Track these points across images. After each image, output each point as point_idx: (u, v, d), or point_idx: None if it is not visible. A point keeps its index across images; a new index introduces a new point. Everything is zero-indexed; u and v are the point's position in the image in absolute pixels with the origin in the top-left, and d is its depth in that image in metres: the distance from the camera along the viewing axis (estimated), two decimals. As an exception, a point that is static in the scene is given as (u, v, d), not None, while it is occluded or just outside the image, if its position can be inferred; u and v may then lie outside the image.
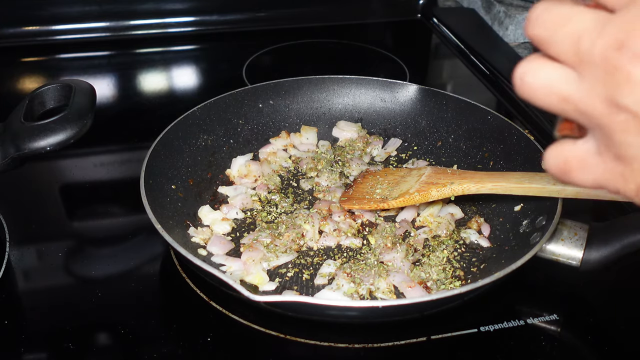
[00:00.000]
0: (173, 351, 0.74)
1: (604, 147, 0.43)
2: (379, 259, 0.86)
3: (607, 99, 0.40)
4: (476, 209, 0.96)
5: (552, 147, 0.47)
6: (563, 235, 0.80)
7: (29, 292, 0.83)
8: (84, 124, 0.82)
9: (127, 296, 0.81)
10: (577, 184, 0.46)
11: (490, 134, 1.01)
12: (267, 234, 0.88)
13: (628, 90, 0.39)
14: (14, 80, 1.39)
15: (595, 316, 0.81)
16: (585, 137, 0.44)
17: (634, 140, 0.40)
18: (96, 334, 0.77)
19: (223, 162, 1.03)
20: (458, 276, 0.84)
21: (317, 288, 0.81)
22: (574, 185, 0.47)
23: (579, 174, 0.45)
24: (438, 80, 1.51)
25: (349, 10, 1.63)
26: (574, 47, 0.41)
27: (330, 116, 1.13)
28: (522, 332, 0.77)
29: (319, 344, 0.75)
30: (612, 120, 0.41)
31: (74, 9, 1.45)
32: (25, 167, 0.84)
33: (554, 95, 0.43)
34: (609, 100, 0.40)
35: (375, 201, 0.92)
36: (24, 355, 0.73)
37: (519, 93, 0.45)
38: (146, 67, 1.46)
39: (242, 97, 1.08)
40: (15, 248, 0.88)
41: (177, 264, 0.85)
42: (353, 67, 1.42)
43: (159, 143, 0.92)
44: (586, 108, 0.42)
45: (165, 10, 1.51)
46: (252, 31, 1.57)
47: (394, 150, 1.10)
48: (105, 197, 1.02)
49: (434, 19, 1.63)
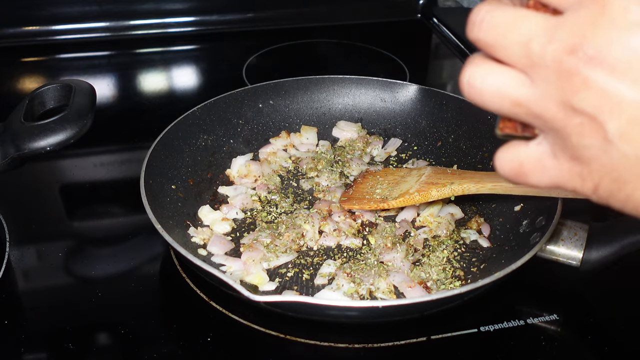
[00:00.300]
0: (173, 351, 0.74)
1: (559, 149, 0.43)
2: (379, 259, 0.86)
3: (562, 102, 0.40)
4: (476, 209, 0.96)
5: (503, 150, 0.46)
6: (563, 235, 0.80)
7: (29, 292, 0.83)
8: (84, 124, 0.82)
9: (127, 296, 0.81)
10: (534, 185, 0.45)
11: (490, 134, 1.01)
12: (267, 234, 0.88)
13: (584, 93, 0.39)
14: (14, 80, 1.39)
15: (595, 316, 0.81)
16: (538, 138, 0.44)
17: (591, 143, 0.40)
18: (96, 334, 0.77)
19: (223, 162, 1.03)
20: (458, 276, 0.84)
21: (317, 288, 0.81)
22: (529, 187, 0.47)
23: (535, 176, 0.45)
24: (438, 80, 1.51)
25: (349, 10, 1.63)
26: (523, 51, 0.41)
27: (330, 116, 1.13)
28: (522, 332, 0.77)
29: (319, 344, 0.75)
30: (568, 123, 0.40)
31: (74, 9, 1.45)
32: (25, 167, 0.84)
33: (505, 99, 0.43)
34: (564, 104, 0.40)
35: (375, 201, 0.92)
36: (24, 355, 0.73)
37: (467, 98, 0.44)
38: (146, 67, 1.46)
39: (242, 97, 1.08)
40: (15, 248, 0.88)
41: (177, 264, 0.85)
42: (353, 67, 1.42)
43: (159, 143, 0.92)
44: (540, 112, 0.42)
45: (165, 10, 1.51)
46: (252, 31, 1.57)
47: (394, 150, 1.10)
48: (105, 197, 1.02)
49: (434, 19, 1.63)
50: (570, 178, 0.43)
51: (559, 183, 0.44)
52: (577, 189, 0.43)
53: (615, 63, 0.37)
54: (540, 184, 0.45)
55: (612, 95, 0.38)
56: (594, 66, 0.38)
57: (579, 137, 0.40)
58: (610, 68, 0.38)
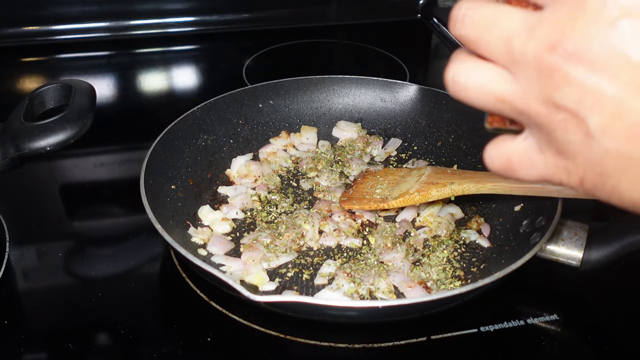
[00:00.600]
0: (173, 351, 0.74)
1: (545, 144, 0.43)
2: (379, 259, 0.86)
3: (545, 99, 0.40)
4: (476, 209, 0.96)
5: (491, 145, 0.47)
6: (563, 235, 0.80)
7: (29, 292, 0.83)
8: (84, 124, 0.82)
9: (127, 296, 0.81)
10: (522, 180, 0.46)
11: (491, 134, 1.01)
12: (267, 234, 0.88)
13: (566, 90, 0.39)
14: (14, 80, 1.39)
15: (595, 316, 0.81)
16: (524, 133, 0.45)
17: (575, 138, 0.40)
18: (96, 334, 0.77)
19: (223, 162, 1.03)
20: (458, 276, 0.84)
21: (317, 288, 0.81)
22: (517, 181, 0.47)
23: (523, 170, 0.45)
24: (438, 80, 1.50)
25: (349, 10, 1.63)
26: (505, 48, 0.41)
27: (330, 116, 1.13)
28: (522, 332, 0.77)
29: (319, 344, 0.75)
30: (551, 119, 0.41)
31: (74, 9, 1.45)
32: (25, 167, 0.84)
33: (489, 96, 0.43)
34: (547, 101, 0.40)
35: (375, 201, 0.92)
36: (24, 355, 0.73)
37: (452, 95, 0.45)
38: (146, 67, 1.46)
39: (242, 97, 1.08)
40: (15, 248, 0.88)
41: (177, 264, 0.85)
42: (353, 67, 1.42)
43: (159, 143, 0.92)
44: (523, 108, 0.42)
45: (165, 10, 1.51)
46: (252, 31, 1.57)
47: (394, 150, 1.10)
48: (105, 197, 1.02)
49: (434, 19, 1.63)
50: (557, 172, 0.43)
51: (546, 177, 0.45)
52: (564, 182, 0.44)
53: (594, 59, 0.37)
54: (528, 178, 0.46)
55: (593, 90, 0.38)
56: (574, 62, 0.38)
57: (562, 133, 0.41)
58: (590, 64, 0.38)
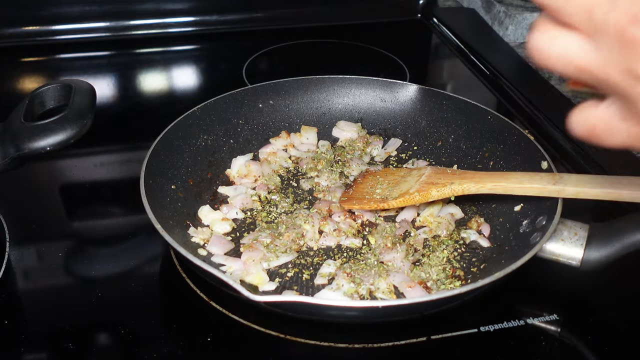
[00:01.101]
0: (173, 351, 0.74)
1: (628, 113, 0.43)
2: (379, 259, 0.86)
3: (626, 70, 0.40)
4: (476, 209, 0.96)
5: (576, 112, 0.47)
6: (563, 235, 0.80)
7: (29, 292, 0.83)
8: (84, 124, 0.82)
9: (127, 296, 0.81)
10: (605, 145, 0.47)
11: (490, 134, 1.01)
12: (267, 234, 0.88)
13: None
14: (14, 80, 1.39)
15: (595, 316, 0.81)
16: (607, 100, 0.45)
17: None
18: (96, 334, 0.77)
19: (223, 162, 1.03)
20: (458, 276, 0.84)
21: (317, 288, 0.81)
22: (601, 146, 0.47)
23: (607, 137, 0.46)
24: (438, 80, 1.51)
25: (349, 10, 1.63)
26: (587, 16, 0.41)
27: (330, 116, 1.13)
28: (522, 332, 0.77)
29: (319, 344, 0.75)
30: (633, 90, 0.41)
31: (74, 9, 1.45)
32: (25, 167, 0.84)
33: (571, 64, 0.43)
34: (628, 72, 0.40)
35: (375, 201, 0.92)
36: (24, 355, 0.73)
37: (535, 60, 0.45)
38: (146, 67, 1.46)
39: (242, 97, 1.08)
40: (15, 248, 0.88)
41: (177, 264, 0.85)
42: (353, 67, 1.42)
43: (159, 143, 0.92)
44: (604, 77, 0.42)
45: (165, 10, 1.51)
46: (252, 31, 1.57)
47: (394, 150, 1.10)
48: (105, 197, 1.02)
49: (434, 19, 1.63)
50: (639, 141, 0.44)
51: (629, 144, 0.45)
52: None
53: None
54: (612, 145, 0.46)
55: None
56: None
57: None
58: None
